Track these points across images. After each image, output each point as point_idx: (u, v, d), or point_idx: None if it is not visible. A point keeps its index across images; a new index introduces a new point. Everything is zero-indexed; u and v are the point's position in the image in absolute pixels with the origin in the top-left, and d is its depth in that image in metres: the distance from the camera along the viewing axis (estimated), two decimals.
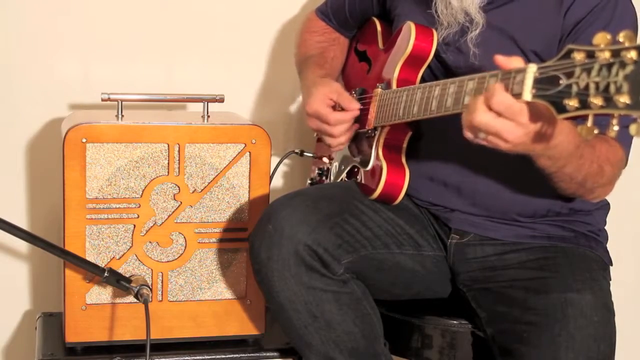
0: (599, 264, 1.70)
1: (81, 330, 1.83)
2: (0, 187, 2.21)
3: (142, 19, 2.22)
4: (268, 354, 1.89)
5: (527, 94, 1.28)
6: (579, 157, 1.47)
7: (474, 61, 1.66)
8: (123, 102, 1.85)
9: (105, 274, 1.76)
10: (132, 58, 2.22)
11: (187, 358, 1.86)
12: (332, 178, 1.96)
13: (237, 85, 2.26)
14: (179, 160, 1.82)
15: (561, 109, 1.24)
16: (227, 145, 1.85)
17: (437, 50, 1.72)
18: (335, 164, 1.95)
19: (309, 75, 1.94)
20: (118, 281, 1.77)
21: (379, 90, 1.79)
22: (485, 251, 1.73)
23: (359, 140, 1.86)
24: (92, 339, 1.84)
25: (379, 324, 1.72)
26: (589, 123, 1.21)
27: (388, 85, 1.77)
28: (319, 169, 2.05)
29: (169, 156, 1.82)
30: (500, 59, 1.34)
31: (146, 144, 1.81)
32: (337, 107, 1.82)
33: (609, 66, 1.18)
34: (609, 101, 1.18)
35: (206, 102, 1.89)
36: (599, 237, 1.75)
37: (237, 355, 1.88)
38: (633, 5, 1.66)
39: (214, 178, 1.85)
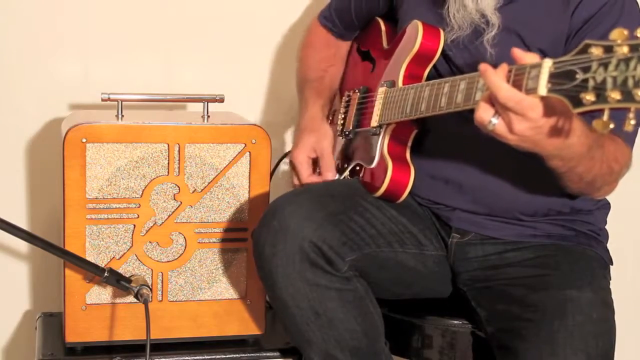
0: (599, 263, 1.70)
1: (81, 330, 1.83)
2: (0, 187, 2.21)
3: (142, 19, 2.22)
4: (268, 354, 1.89)
5: (542, 89, 1.28)
6: (590, 158, 1.47)
7: (490, 62, 1.65)
8: (123, 102, 1.85)
9: (105, 274, 1.76)
10: (132, 58, 2.22)
11: (187, 358, 1.86)
12: None
13: (237, 85, 2.25)
14: (179, 160, 1.82)
15: (577, 103, 1.24)
16: (227, 145, 1.85)
17: (445, 50, 1.73)
18: (338, 162, 1.94)
19: (309, 105, 1.97)
20: (118, 281, 1.77)
21: (383, 88, 1.80)
22: (486, 250, 1.73)
23: (363, 138, 1.86)
24: (92, 339, 1.84)
25: (380, 323, 1.72)
26: (605, 117, 1.20)
27: (393, 84, 1.77)
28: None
29: (169, 156, 1.82)
30: (517, 52, 1.34)
31: (146, 144, 1.81)
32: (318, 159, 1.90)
33: (627, 61, 1.18)
34: (626, 95, 1.18)
35: (206, 102, 1.89)
36: (600, 237, 1.75)
37: (237, 355, 1.88)
38: (638, 6, 1.66)
39: (214, 178, 1.85)
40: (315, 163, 1.92)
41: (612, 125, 1.20)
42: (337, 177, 1.90)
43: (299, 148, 1.90)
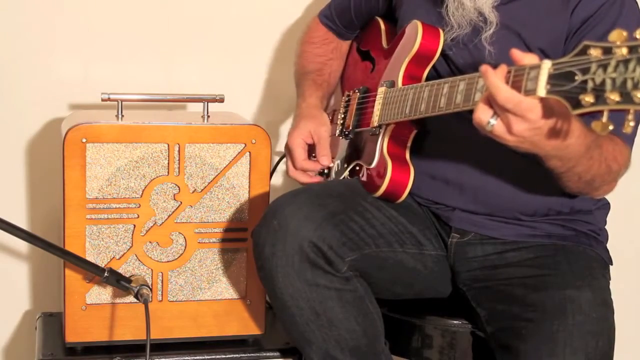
0: (599, 263, 1.70)
1: (81, 330, 1.83)
2: (0, 187, 2.21)
3: (142, 19, 2.22)
4: (268, 354, 1.89)
5: (541, 90, 1.28)
6: (588, 158, 1.47)
7: (490, 60, 1.65)
8: (123, 102, 1.85)
9: (105, 274, 1.76)
10: (132, 58, 2.22)
11: (187, 358, 1.86)
12: (333, 176, 1.96)
13: (237, 85, 2.26)
14: (179, 160, 1.82)
15: (576, 104, 1.23)
16: (227, 145, 1.85)
17: (444, 49, 1.73)
18: (337, 162, 1.94)
19: (306, 95, 1.98)
20: (118, 281, 1.77)
21: (383, 88, 1.80)
22: (486, 250, 1.73)
23: (362, 138, 1.87)
24: (92, 339, 1.84)
25: (380, 323, 1.72)
26: (604, 119, 1.20)
27: (393, 84, 1.78)
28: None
29: (169, 156, 1.82)
30: (516, 53, 1.34)
31: (146, 144, 1.81)
32: (314, 146, 1.90)
33: (626, 62, 1.18)
34: (625, 97, 1.17)
35: (206, 102, 1.89)
36: (599, 237, 1.75)
37: (237, 355, 1.88)
38: (638, 5, 1.66)
39: (214, 178, 1.85)
40: (311, 151, 1.92)
41: (611, 127, 1.20)
42: (332, 163, 1.90)
43: (296, 132, 1.90)
